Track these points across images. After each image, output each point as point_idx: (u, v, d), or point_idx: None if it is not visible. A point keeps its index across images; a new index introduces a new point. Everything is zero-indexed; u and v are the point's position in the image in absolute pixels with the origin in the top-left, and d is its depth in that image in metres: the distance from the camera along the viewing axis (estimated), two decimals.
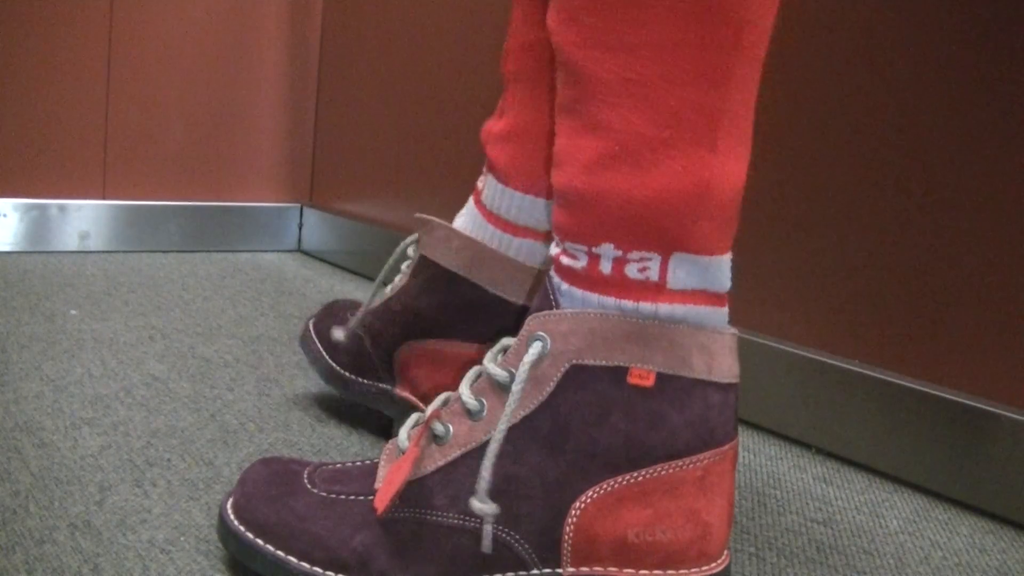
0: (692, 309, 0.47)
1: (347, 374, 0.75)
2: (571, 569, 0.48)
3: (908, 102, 0.78)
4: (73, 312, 1.05)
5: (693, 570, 0.48)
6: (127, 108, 1.45)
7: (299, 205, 1.63)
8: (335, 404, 0.83)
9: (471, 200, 0.74)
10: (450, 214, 1.33)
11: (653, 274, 0.47)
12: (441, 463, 0.50)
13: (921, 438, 0.75)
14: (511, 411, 0.47)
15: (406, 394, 0.73)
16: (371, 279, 1.43)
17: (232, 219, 1.56)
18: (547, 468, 0.47)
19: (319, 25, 1.62)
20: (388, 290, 0.75)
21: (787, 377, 0.85)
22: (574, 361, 0.47)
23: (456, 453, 0.50)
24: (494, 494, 0.48)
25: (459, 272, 0.70)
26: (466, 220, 0.73)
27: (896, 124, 0.79)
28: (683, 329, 0.47)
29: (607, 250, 0.47)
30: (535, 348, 0.48)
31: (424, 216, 0.72)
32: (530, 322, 0.49)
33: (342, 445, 0.73)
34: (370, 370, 0.74)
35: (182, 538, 0.55)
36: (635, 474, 0.47)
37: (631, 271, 0.47)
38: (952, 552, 0.65)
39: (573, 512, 0.47)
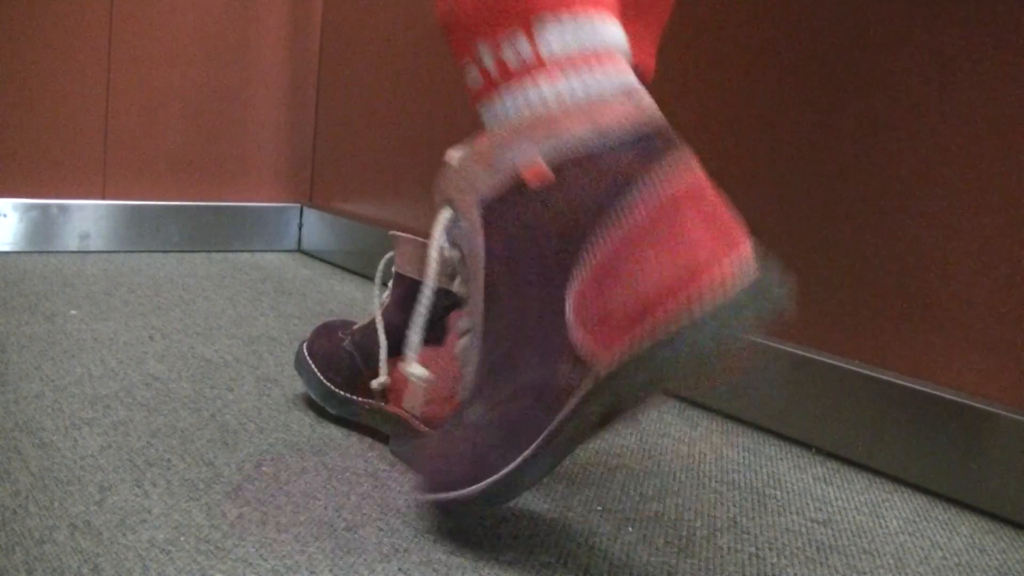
0: (577, 76, 0.48)
1: (341, 393, 0.76)
2: (601, 350, 0.46)
3: (908, 101, 0.78)
4: (73, 312, 1.05)
5: (714, 271, 0.44)
6: (127, 108, 1.45)
7: (299, 205, 1.63)
8: None
9: None
10: None
11: (525, 50, 0.48)
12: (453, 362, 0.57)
13: (921, 438, 0.75)
14: (434, 272, 0.51)
15: (397, 410, 0.73)
16: (371, 279, 1.43)
17: (232, 219, 1.56)
18: (524, 310, 0.48)
19: (319, 25, 1.62)
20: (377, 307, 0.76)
21: (787, 377, 0.85)
22: (481, 202, 0.49)
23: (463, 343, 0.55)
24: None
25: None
26: None
27: (896, 123, 0.79)
28: (555, 107, 0.48)
29: (483, 50, 0.50)
30: (445, 212, 0.51)
31: (395, 233, 0.73)
32: (435, 195, 0.52)
33: (342, 445, 0.73)
34: (363, 388, 0.74)
35: (182, 538, 0.55)
36: (593, 254, 0.46)
37: (508, 58, 0.49)
38: (952, 552, 0.65)
39: (569, 322, 0.47)
